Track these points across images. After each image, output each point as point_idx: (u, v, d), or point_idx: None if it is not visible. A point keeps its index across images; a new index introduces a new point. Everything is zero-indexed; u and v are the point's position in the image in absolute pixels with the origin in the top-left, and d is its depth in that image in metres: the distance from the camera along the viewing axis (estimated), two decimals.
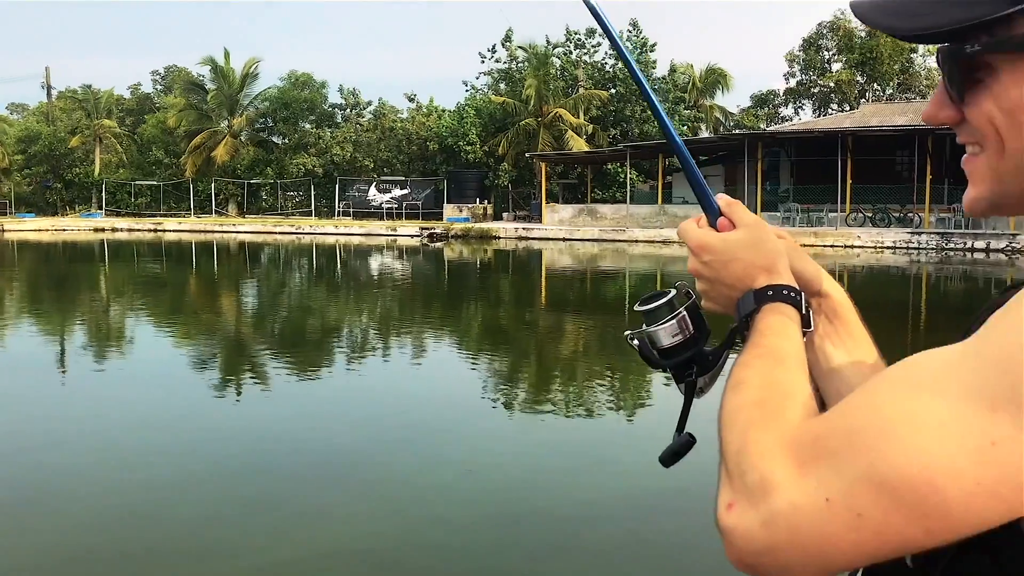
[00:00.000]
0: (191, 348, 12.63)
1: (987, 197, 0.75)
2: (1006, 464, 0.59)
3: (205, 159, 50.86)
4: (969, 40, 0.71)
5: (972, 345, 0.64)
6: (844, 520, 0.63)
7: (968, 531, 0.61)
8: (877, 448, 0.63)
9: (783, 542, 0.66)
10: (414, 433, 7.66)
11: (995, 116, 0.71)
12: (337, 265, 29.46)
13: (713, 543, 1.20)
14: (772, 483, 0.67)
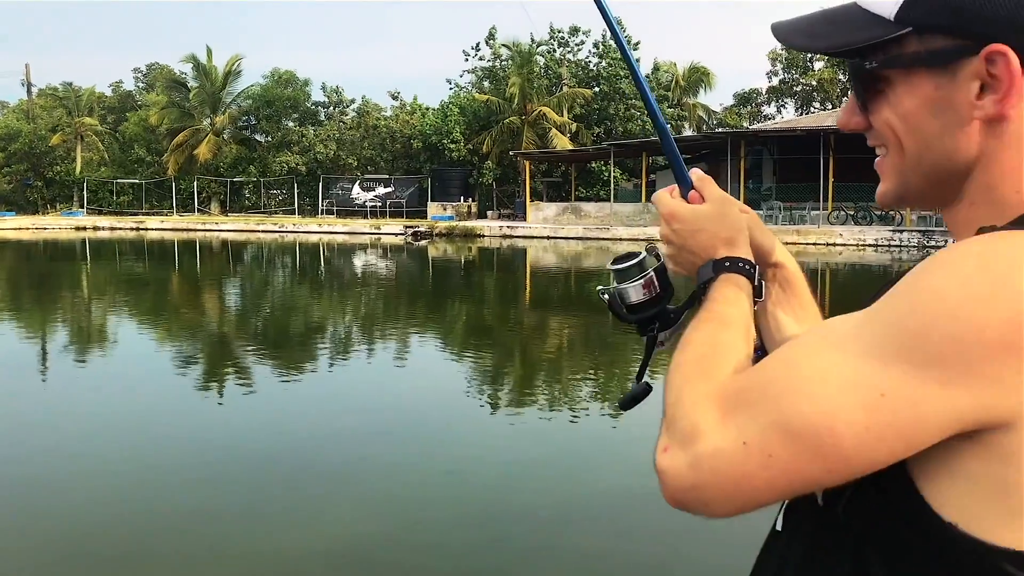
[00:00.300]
0: (173, 348, 12.57)
1: (893, 191, 0.88)
2: (893, 412, 0.70)
3: (187, 157, 50.57)
4: (869, 57, 0.83)
5: (873, 310, 0.75)
6: (758, 461, 0.74)
7: (862, 471, 0.73)
8: (787, 398, 0.74)
9: (706, 481, 0.77)
10: (396, 433, 7.65)
11: (893, 122, 0.84)
12: (321, 264, 29.38)
13: (695, 543, 1.22)
14: (699, 429, 0.78)
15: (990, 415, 0.68)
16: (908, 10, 0.80)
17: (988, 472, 0.70)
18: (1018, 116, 0.78)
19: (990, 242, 0.73)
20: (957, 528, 0.71)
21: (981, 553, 0.70)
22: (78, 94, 55.26)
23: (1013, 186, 0.80)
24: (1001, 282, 0.68)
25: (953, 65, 0.79)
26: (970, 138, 0.80)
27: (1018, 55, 0.76)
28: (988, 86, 0.78)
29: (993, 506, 0.70)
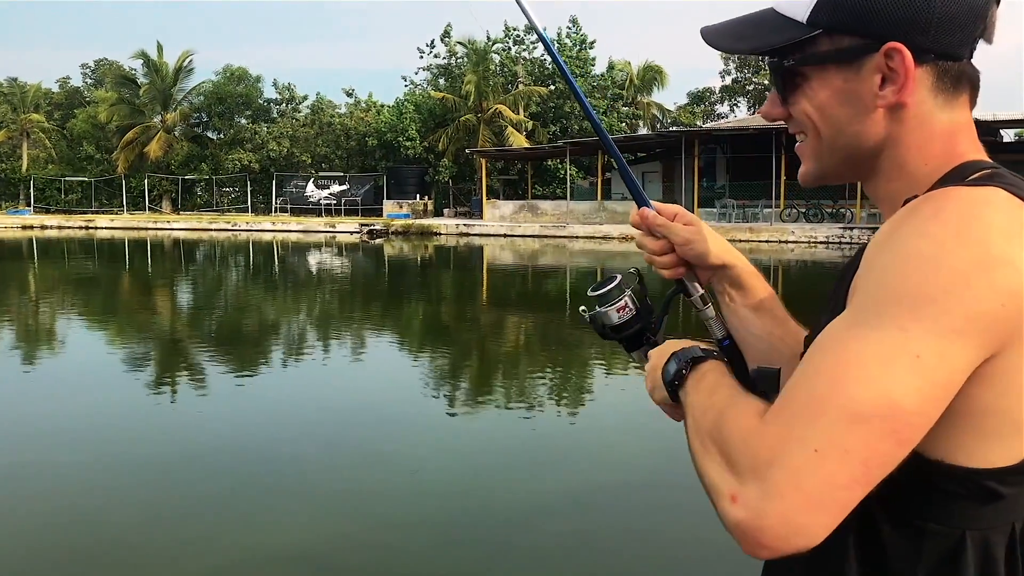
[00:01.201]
0: (124, 349, 12.37)
1: (812, 171, 1.01)
2: (933, 370, 0.77)
3: (138, 155, 49.77)
4: (787, 56, 0.96)
5: (866, 291, 0.82)
6: (836, 460, 0.76)
7: (923, 433, 0.79)
8: (839, 394, 0.77)
9: (793, 504, 0.76)
10: (356, 434, 7.61)
11: (810, 111, 0.96)
12: (275, 262, 29.09)
13: (658, 535, 1.23)
14: (763, 461, 0.78)
15: (988, 354, 0.79)
16: (818, 14, 0.92)
17: (968, 404, 0.80)
18: (915, 103, 0.91)
19: (943, 199, 0.83)
20: (942, 461, 0.83)
21: (959, 476, 0.83)
22: (23, 90, 54.16)
23: (920, 161, 0.93)
24: (972, 238, 0.78)
25: (858, 61, 0.91)
26: (876, 123, 0.93)
27: (911, 51, 0.89)
28: (888, 78, 0.90)
29: (971, 435, 0.82)
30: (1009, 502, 0.84)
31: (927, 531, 0.85)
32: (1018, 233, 0.80)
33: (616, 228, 34.20)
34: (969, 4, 0.90)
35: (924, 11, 0.88)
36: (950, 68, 0.91)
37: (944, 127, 0.93)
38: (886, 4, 0.88)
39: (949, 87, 0.92)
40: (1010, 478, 0.83)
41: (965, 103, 0.94)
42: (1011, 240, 0.79)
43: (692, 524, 5.10)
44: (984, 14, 0.91)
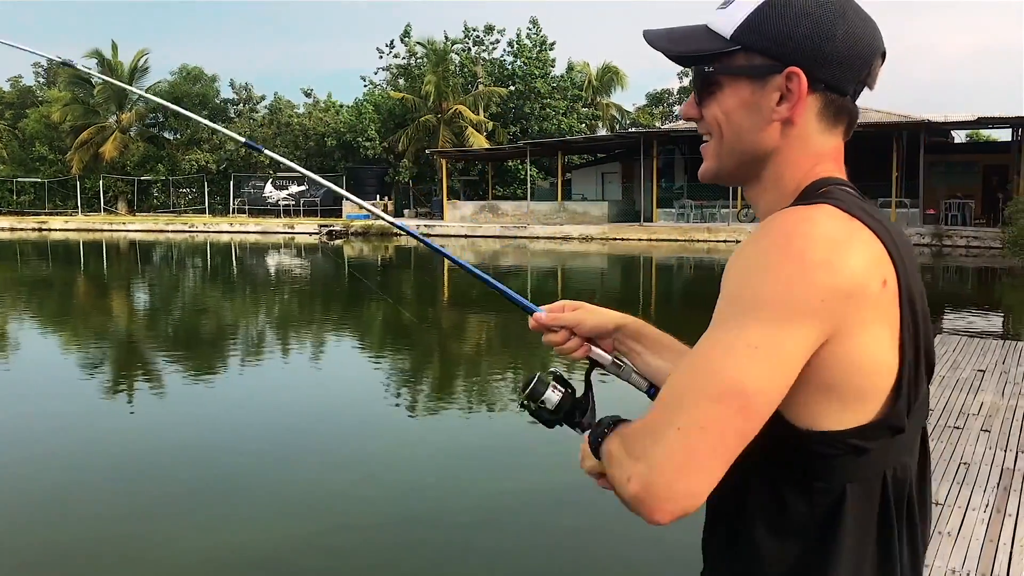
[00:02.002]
0: (79, 353, 12.20)
1: (710, 169, 1.17)
2: (770, 356, 0.95)
3: (93, 155, 48.89)
4: (707, 64, 1.11)
5: (719, 304, 1.00)
6: (696, 434, 0.94)
7: (770, 410, 0.96)
8: (696, 383, 0.96)
9: (670, 473, 0.94)
10: (314, 436, 7.59)
11: (718, 115, 1.11)
12: (233, 264, 28.81)
13: (617, 534, 1.28)
14: (643, 447, 0.98)
15: (823, 339, 0.97)
16: (740, 34, 1.07)
17: (819, 379, 0.98)
18: (802, 123, 1.08)
19: (777, 219, 1.00)
20: (811, 430, 1.01)
21: (829, 439, 1.01)
22: None
23: (793, 176, 1.11)
24: (799, 247, 0.96)
25: (764, 78, 1.07)
26: (769, 134, 1.09)
27: (807, 78, 1.05)
28: (785, 97, 1.07)
29: (827, 405, 1.00)
30: (876, 454, 1.02)
31: (815, 489, 1.02)
32: (837, 241, 0.97)
33: (576, 229, 34.33)
34: (859, 51, 1.07)
35: (823, 47, 1.05)
36: (835, 100, 1.09)
37: (818, 149, 1.10)
38: (795, 36, 1.05)
39: (831, 116, 1.10)
40: (869, 433, 1.01)
41: (841, 132, 1.12)
42: (830, 247, 0.96)
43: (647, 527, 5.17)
44: (870, 63, 1.09)
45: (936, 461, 5.27)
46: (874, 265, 0.99)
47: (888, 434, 1.02)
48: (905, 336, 1.02)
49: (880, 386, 1.01)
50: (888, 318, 1.00)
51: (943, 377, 7.57)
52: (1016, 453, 5.43)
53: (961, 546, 4.03)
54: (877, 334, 0.99)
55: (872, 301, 0.98)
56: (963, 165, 34.47)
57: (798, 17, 1.05)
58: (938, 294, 19.44)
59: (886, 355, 1.01)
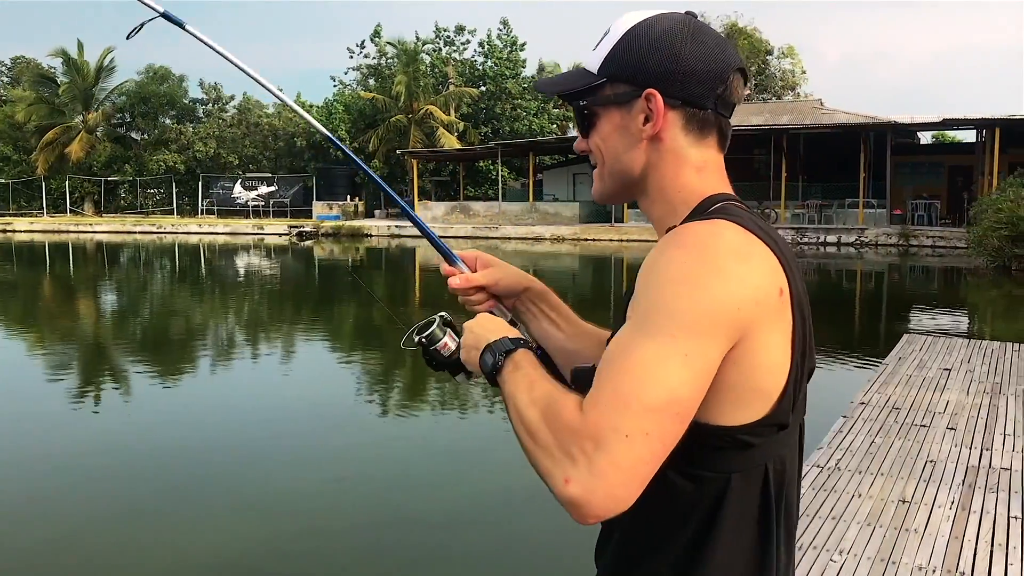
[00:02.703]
0: (45, 356, 12.03)
1: (599, 190, 1.28)
2: (698, 364, 1.02)
3: (58, 156, 48.23)
4: (581, 98, 1.23)
5: (640, 307, 1.07)
6: (641, 442, 0.99)
7: (693, 414, 1.04)
8: (638, 392, 1.00)
9: (614, 481, 0.99)
10: (282, 441, 7.54)
11: (598, 142, 1.24)
12: (201, 266, 28.55)
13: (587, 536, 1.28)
14: (586, 451, 1.00)
15: (733, 343, 1.05)
16: (605, 67, 1.20)
17: (723, 379, 1.06)
18: (669, 138, 1.18)
19: (687, 234, 1.09)
20: (707, 423, 1.08)
21: (720, 433, 1.09)
22: None
23: (674, 188, 1.20)
24: (712, 263, 1.05)
25: (629, 103, 1.19)
26: (641, 152, 1.20)
27: (663, 96, 1.16)
28: (648, 117, 1.18)
29: (725, 402, 1.08)
30: (760, 449, 1.12)
31: (703, 478, 1.11)
32: (743, 254, 1.07)
33: (548, 229, 34.37)
34: (708, 67, 1.17)
35: (672, 67, 1.16)
36: (696, 114, 1.18)
37: (694, 161, 1.20)
38: (646, 61, 1.17)
39: (696, 129, 1.19)
40: (757, 430, 1.10)
41: (713, 144, 1.21)
42: (737, 260, 1.06)
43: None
44: (724, 78, 1.18)
45: (903, 459, 5.33)
46: (772, 276, 1.08)
47: (773, 430, 1.12)
48: (796, 339, 1.11)
49: (773, 385, 1.10)
50: (783, 323, 1.10)
51: (910, 376, 7.66)
52: (981, 451, 5.51)
53: (927, 543, 4.08)
54: (775, 338, 1.09)
55: (773, 308, 1.08)
56: (929, 166, 34.92)
57: (650, 45, 1.17)
58: (905, 294, 19.68)
59: (781, 357, 1.10)
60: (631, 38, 1.19)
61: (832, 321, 14.66)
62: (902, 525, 4.29)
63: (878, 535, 4.17)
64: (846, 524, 4.30)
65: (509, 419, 1.14)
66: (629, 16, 1.22)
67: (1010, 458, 5.36)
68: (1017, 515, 4.43)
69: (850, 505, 4.56)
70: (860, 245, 29.37)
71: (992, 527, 4.28)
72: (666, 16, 1.20)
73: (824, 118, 33.91)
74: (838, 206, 32.43)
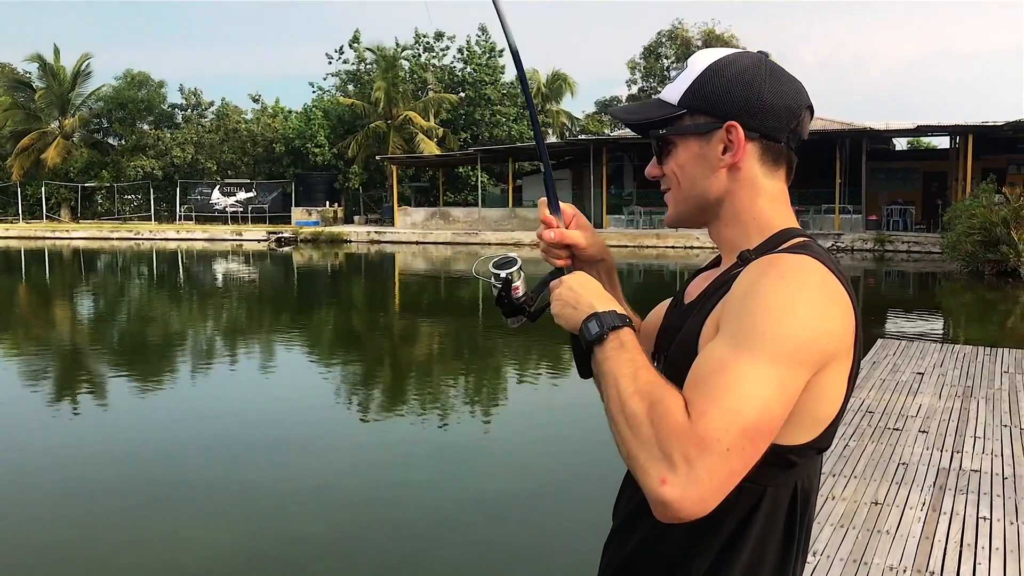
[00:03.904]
0: (22, 364, 11.96)
1: (673, 215, 1.36)
2: (789, 392, 1.10)
3: (34, 161, 47.85)
4: (660, 127, 1.31)
5: (742, 328, 1.12)
6: (737, 457, 1.06)
7: (776, 433, 1.10)
8: (739, 412, 1.06)
9: (708, 488, 1.05)
10: (264, 446, 7.56)
11: (675, 169, 1.31)
12: (180, 272, 28.42)
13: (566, 541, 1.34)
14: (690, 458, 1.05)
15: (813, 374, 1.13)
16: (686, 99, 1.28)
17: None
18: (747, 167, 1.27)
19: (784, 266, 1.15)
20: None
21: (772, 451, 1.13)
22: None
23: (750, 214, 1.29)
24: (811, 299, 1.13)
25: (708, 133, 1.27)
26: (719, 179, 1.28)
27: (744, 129, 1.24)
28: (728, 147, 1.26)
29: (786, 424, 1.12)
30: (798, 469, 1.22)
31: (742, 487, 1.13)
32: (833, 293, 1.15)
33: (528, 235, 34.41)
34: (785, 103, 1.26)
35: (754, 103, 1.25)
36: (772, 147, 1.28)
37: (768, 190, 1.29)
38: (728, 95, 1.25)
39: (771, 161, 1.28)
40: (802, 451, 1.20)
41: (783, 176, 1.30)
42: (829, 299, 1.14)
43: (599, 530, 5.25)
44: (798, 115, 1.28)
45: (876, 462, 5.43)
46: (850, 316, 1.17)
47: (813, 453, 1.22)
48: (853, 374, 1.20)
49: (828, 414, 1.20)
50: (848, 360, 1.19)
51: (883, 380, 7.78)
52: (952, 453, 5.62)
53: (899, 544, 4.17)
54: (840, 373, 1.18)
55: (847, 346, 1.17)
56: (904, 172, 35.31)
57: (731, 80, 1.25)
58: (880, 298, 19.89)
59: (839, 389, 1.19)
60: (712, 73, 1.27)
61: None
62: (874, 526, 4.39)
63: (851, 536, 4.26)
64: (819, 526, 4.38)
65: (603, 395, 1.17)
66: (708, 53, 1.30)
67: (980, 460, 5.47)
68: (986, 515, 4.54)
69: (823, 507, 4.64)
70: (836, 250, 29.63)
71: (962, 527, 4.38)
72: (744, 54, 1.29)
73: None
74: (814, 212, 32.70)
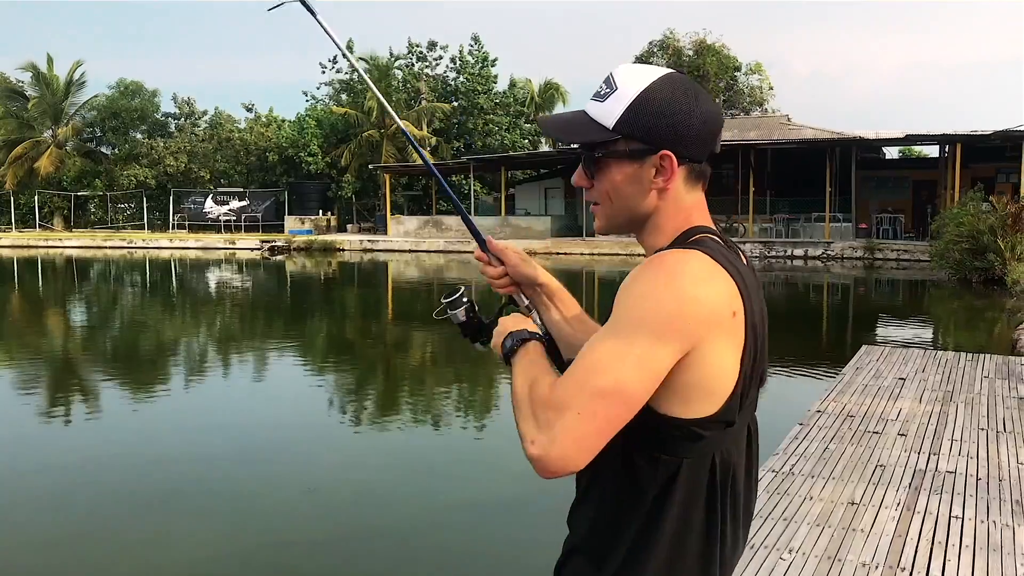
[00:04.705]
0: (15, 372, 12.03)
1: (603, 227, 1.50)
2: (647, 364, 1.26)
3: (27, 170, 47.87)
4: (595, 149, 1.43)
5: (615, 312, 1.31)
6: (588, 420, 1.24)
7: (641, 404, 1.27)
8: (592, 379, 1.26)
9: (565, 446, 1.25)
10: (255, 453, 7.65)
11: (608, 188, 1.44)
12: (173, 280, 28.47)
13: (555, 546, 1.45)
14: (549, 421, 1.26)
15: (685, 352, 1.28)
16: (620, 126, 1.39)
17: (678, 380, 1.29)
18: (674, 188, 1.41)
19: (663, 259, 1.32)
20: (665, 415, 1.32)
21: (676, 424, 1.32)
22: None
23: (670, 225, 1.44)
24: (675, 284, 1.28)
25: (643, 158, 1.40)
26: (649, 199, 1.43)
27: (675, 156, 1.38)
28: (659, 171, 1.40)
29: (679, 399, 1.31)
30: (709, 440, 1.34)
31: (660, 460, 1.34)
32: (702, 279, 1.29)
33: (520, 243, 34.47)
34: (709, 128, 1.40)
35: (683, 132, 1.38)
36: (695, 168, 1.43)
37: (687, 203, 1.44)
38: (661, 125, 1.37)
39: (693, 178, 1.44)
40: (707, 424, 1.33)
41: (701, 187, 1.46)
42: (696, 283, 1.28)
43: None
44: (717, 135, 1.43)
45: (854, 464, 5.56)
46: (728, 300, 1.30)
47: (721, 426, 1.35)
48: (747, 354, 1.34)
49: (722, 389, 1.33)
50: (735, 339, 1.32)
51: (866, 386, 7.92)
52: (929, 455, 5.75)
53: (872, 542, 4.30)
54: (726, 351, 1.31)
55: (724, 326, 1.30)
56: (894, 180, 35.54)
57: (663, 110, 1.37)
58: (868, 306, 20.06)
59: (730, 366, 1.32)
60: (644, 102, 1.37)
61: (796, 332, 14.96)
62: (850, 525, 4.51)
63: (826, 535, 4.39)
64: (797, 525, 4.51)
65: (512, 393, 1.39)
66: (636, 75, 1.40)
67: (955, 462, 5.61)
68: (958, 515, 4.67)
69: (801, 507, 4.77)
70: (826, 258, 29.85)
71: (934, 526, 4.51)
72: (670, 78, 1.40)
73: (791, 134, 34.44)
74: (805, 220, 32.93)
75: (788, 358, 11.46)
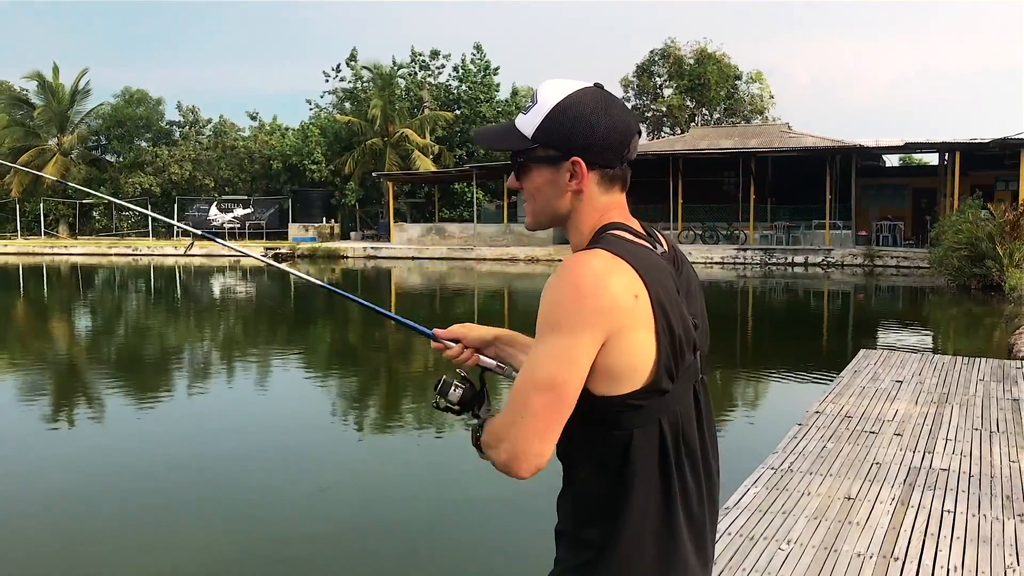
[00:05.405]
0: (22, 378, 12.19)
1: (531, 223, 1.68)
2: (571, 357, 1.43)
3: (33, 178, 48.08)
4: (519, 155, 1.61)
5: (538, 323, 1.47)
6: (531, 418, 1.44)
7: (576, 392, 1.45)
8: (527, 380, 1.45)
9: (517, 446, 1.45)
10: (266, 455, 7.77)
11: (532, 189, 1.62)
12: (177, 287, 28.66)
13: (550, 538, 1.63)
14: (507, 431, 1.48)
15: (602, 340, 1.44)
16: (538, 135, 1.57)
17: (604, 364, 1.45)
18: (588, 190, 1.57)
19: (566, 265, 1.47)
20: (604, 395, 1.48)
21: (614, 401, 1.48)
22: None
23: (587, 225, 1.60)
24: (577, 285, 1.43)
25: (558, 164, 1.56)
26: (566, 200, 1.59)
27: (585, 162, 1.54)
28: (573, 175, 1.56)
29: (610, 379, 1.47)
30: (648, 408, 1.50)
31: (613, 434, 1.51)
32: (599, 275, 1.45)
33: (522, 250, 34.78)
34: (617, 137, 1.56)
35: (592, 140, 1.54)
36: (608, 172, 1.59)
37: (603, 204, 1.60)
38: (572, 135, 1.54)
39: (607, 182, 1.60)
40: (641, 396, 1.48)
41: (617, 189, 1.62)
42: (595, 280, 1.44)
43: None
44: (629, 143, 1.58)
45: (851, 462, 5.73)
46: (627, 287, 1.45)
47: (656, 395, 1.50)
48: (660, 328, 1.48)
49: (643, 364, 1.47)
50: (644, 320, 1.46)
51: (863, 388, 8.09)
52: (923, 454, 5.93)
53: (867, 533, 4.48)
54: (638, 331, 1.46)
55: (628, 312, 1.44)
56: (893, 188, 35.69)
57: (574, 121, 1.54)
58: (868, 312, 20.22)
59: (645, 343, 1.47)
60: (558, 113, 1.55)
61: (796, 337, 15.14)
62: (846, 518, 4.69)
63: (823, 527, 4.57)
64: (795, 518, 4.69)
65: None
66: (554, 88, 1.57)
67: (949, 460, 5.79)
68: (950, 509, 4.85)
69: (799, 502, 4.95)
70: (826, 265, 30.02)
71: (927, 519, 4.69)
72: (585, 92, 1.56)
73: (792, 142, 34.61)
74: (805, 227, 33.08)
75: (786, 361, 11.64)
